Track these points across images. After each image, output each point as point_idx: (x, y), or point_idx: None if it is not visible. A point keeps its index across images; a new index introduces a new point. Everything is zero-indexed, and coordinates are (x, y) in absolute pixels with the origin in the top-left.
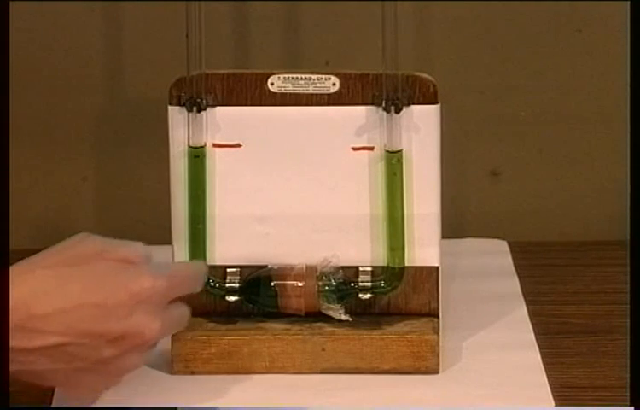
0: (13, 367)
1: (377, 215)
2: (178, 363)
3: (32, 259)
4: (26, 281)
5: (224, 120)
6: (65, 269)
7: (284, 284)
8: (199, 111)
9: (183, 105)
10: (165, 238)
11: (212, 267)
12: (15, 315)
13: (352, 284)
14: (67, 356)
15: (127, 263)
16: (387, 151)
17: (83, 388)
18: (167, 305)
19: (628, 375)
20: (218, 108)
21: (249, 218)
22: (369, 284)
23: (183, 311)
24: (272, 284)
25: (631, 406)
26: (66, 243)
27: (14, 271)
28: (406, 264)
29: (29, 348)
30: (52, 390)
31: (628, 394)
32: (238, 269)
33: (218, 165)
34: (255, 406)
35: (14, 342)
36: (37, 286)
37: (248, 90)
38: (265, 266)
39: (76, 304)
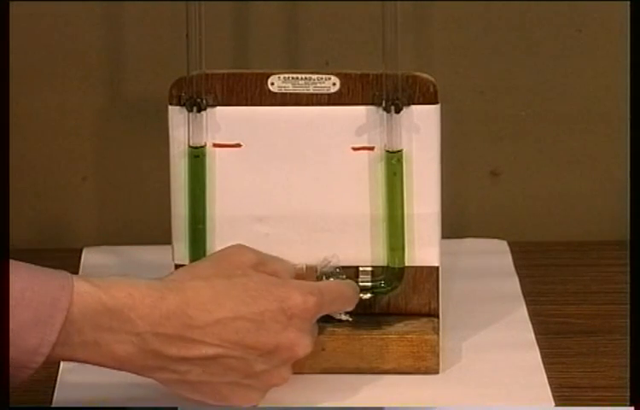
0: (165, 376)
1: (377, 215)
2: None
3: (187, 269)
4: (183, 291)
5: (224, 120)
6: (221, 280)
7: None
8: (199, 111)
9: (183, 105)
10: (165, 238)
11: None
12: (173, 324)
13: None
14: (221, 368)
15: (278, 277)
16: (387, 151)
17: (230, 402)
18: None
19: (628, 375)
20: (218, 108)
21: (249, 218)
22: (369, 284)
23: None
24: None
25: (631, 406)
26: (221, 253)
27: (171, 280)
28: (406, 264)
29: (186, 357)
30: (52, 390)
31: (628, 394)
32: None
33: (218, 165)
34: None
35: (172, 350)
36: (194, 297)
37: (248, 90)
38: None
39: (232, 316)
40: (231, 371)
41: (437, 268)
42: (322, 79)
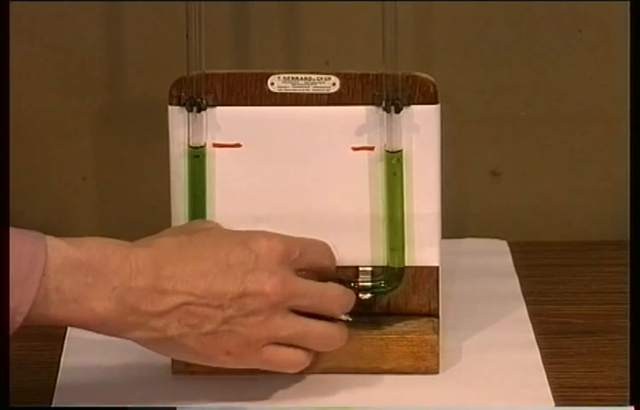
0: (146, 334)
1: (377, 215)
2: (178, 363)
3: (153, 235)
4: (151, 246)
5: (224, 120)
6: (185, 235)
7: None
8: (199, 111)
9: (183, 105)
10: None
11: None
12: (144, 277)
13: (352, 284)
14: (194, 318)
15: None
16: (387, 151)
17: (219, 357)
18: (295, 271)
19: (628, 375)
20: (218, 108)
21: (249, 218)
22: (369, 284)
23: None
24: None
25: (631, 406)
26: (185, 224)
27: (136, 243)
28: (406, 264)
29: (162, 311)
30: (52, 390)
31: (628, 394)
32: None
33: (218, 165)
34: (256, 406)
35: (147, 305)
36: (161, 250)
37: (248, 90)
38: None
39: (197, 261)
40: (204, 319)
41: (437, 268)
42: (322, 79)
